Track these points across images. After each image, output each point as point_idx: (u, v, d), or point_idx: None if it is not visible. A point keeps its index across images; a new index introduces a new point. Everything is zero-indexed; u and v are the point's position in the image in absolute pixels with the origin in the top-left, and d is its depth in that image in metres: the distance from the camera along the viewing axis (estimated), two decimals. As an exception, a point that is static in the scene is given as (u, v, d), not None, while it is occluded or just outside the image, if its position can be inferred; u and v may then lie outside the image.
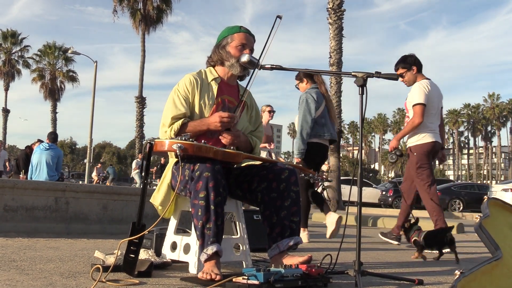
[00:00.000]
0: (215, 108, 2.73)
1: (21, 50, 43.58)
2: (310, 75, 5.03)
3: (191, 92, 2.71)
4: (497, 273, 1.99)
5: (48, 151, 8.58)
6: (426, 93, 4.46)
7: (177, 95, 2.70)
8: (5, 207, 4.32)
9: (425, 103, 4.43)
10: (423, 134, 4.53)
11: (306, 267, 2.32)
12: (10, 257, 2.87)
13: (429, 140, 4.53)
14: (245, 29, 2.83)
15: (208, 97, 2.73)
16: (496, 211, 2.25)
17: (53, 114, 40.26)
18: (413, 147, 4.58)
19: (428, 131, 4.54)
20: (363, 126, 2.56)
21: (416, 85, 4.54)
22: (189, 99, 2.71)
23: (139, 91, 29.41)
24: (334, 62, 17.35)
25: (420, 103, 4.43)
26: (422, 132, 4.53)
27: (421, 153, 4.52)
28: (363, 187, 2.50)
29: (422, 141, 4.54)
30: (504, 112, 78.00)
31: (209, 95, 2.74)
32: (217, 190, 2.40)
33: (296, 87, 5.17)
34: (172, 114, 2.65)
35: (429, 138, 4.53)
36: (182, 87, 2.72)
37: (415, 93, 4.50)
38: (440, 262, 3.75)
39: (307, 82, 5.06)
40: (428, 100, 4.46)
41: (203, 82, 2.77)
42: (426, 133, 4.53)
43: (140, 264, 2.43)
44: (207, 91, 2.75)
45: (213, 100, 2.74)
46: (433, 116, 4.59)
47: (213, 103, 2.73)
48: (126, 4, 29.74)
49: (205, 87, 2.76)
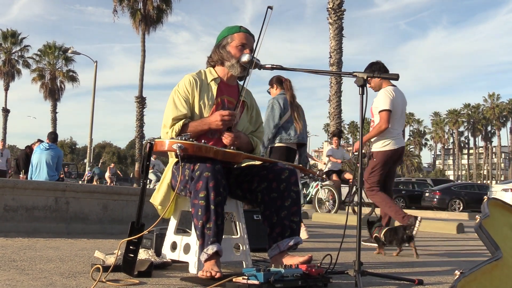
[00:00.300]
0: (215, 108, 2.73)
1: (21, 50, 43.62)
2: (281, 81, 5.20)
3: (191, 93, 2.72)
4: (497, 273, 1.99)
5: (48, 151, 8.58)
6: (391, 99, 4.61)
7: (177, 96, 2.71)
8: (5, 207, 4.32)
9: (391, 109, 4.59)
10: (387, 141, 4.67)
11: (306, 267, 2.31)
12: (10, 257, 2.87)
13: (392, 147, 4.67)
14: (245, 29, 2.83)
15: (208, 97, 2.73)
16: (496, 211, 2.25)
17: (53, 114, 40.29)
18: (375, 152, 4.73)
19: (391, 138, 4.68)
20: (363, 126, 2.57)
21: (382, 91, 4.69)
22: (189, 99, 2.71)
23: (139, 91, 29.45)
24: (334, 62, 17.35)
25: (386, 109, 4.57)
26: (387, 138, 4.67)
27: (381, 160, 4.66)
28: (363, 187, 2.50)
29: (385, 148, 4.69)
30: (504, 112, 77.93)
31: (209, 96, 2.74)
32: (217, 190, 2.40)
33: (268, 91, 5.30)
34: (173, 115, 2.65)
35: (392, 146, 4.67)
36: (182, 88, 2.73)
37: (381, 100, 4.64)
38: (440, 262, 3.75)
39: (276, 87, 5.21)
40: (393, 106, 4.61)
41: (203, 83, 2.77)
42: (390, 140, 4.67)
43: (140, 264, 2.43)
44: (207, 91, 2.75)
45: (212, 101, 2.74)
46: (397, 122, 4.73)
47: (213, 103, 2.73)
48: (126, 4, 29.78)
49: (205, 87, 2.76)
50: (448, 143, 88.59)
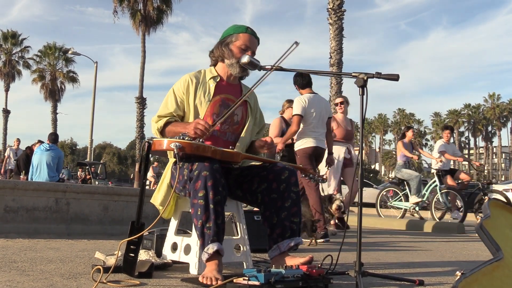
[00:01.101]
0: (213, 106, 2.74)
1: (22, 51, 43.64)
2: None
3: (185, 92, 2.74)
4: (498, 274, 1.98)
5: (48, 152, 8.59)
6: (303, 106, 5.20)
7: (171, 95, 2.76)
8: (6, 208, 4.32)
9: (301, 114, 5.19)
10: (305, 139, 5.27)
11: (307, 268, 2.31)
12: (10, 258, 2.87)
13: (310, 145, 5.24)
14: (251, 30, 2.82)
15: (205, 95, 2.74)
16: (497, 212, 2.24)
17: (54, 115, 40.29)
18: (297, 151, 5.33)
19: (310, 137, 5.26)
20: (363, 126, 2.56)
21: (296, 99, 5.31)
22: (182, 99, 2.74)
23: (140, 91, 29.42)
24: (335, 63, 17.35)
25: (296, 114, 5.21)
26: (305, 138, 5.28)
27: (303, 156, 5.24)
28: (364, 188, 2.50)
29: (303, 145, 5.26)
30: (504, 112, 77.86)
31: (206, 93, 2.75)
32: (216, 189, 2.39)
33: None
34: (160, 113, 2.74)
35: (310, 143, 5.25)
36: (177, 87, 2.77)
37: (294, 106, 5.28)
38: (440, 263, 3.75)
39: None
40: (305, 112, 5.20)
41: (201, 81, 2.79)
42: (308, 139, 5.26)
43: (140, 265, 2.43)
44: (204, 89, 2.76)
45: (209, 98, 2.74)
46: (316, 125, 5.29)
47: (209, 100, 2.73)
48: (126, 4, 29.75)
49: (202, 85, 2.77)
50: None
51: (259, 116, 3.01)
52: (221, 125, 2.74)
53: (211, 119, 2.71)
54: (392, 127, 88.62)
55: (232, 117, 2.80)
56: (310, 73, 2.66)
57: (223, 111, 2.71)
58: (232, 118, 2.80)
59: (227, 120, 2.76)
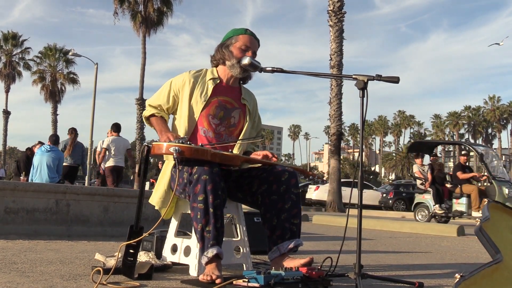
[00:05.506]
0: (210, 107, 2.75)
1: (22, 52, 43.66)
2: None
3: (180, 90, 2.77)
4: (497, 276, 1.99)
5: (49, 153, 8.58)
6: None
7: (167, 86, 2.81)
8: (6, 209, 4.32)
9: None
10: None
11: (307, 270, 2.31)
12: (10, 259, 2.87)
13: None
14: (250, 32, 2.83)
15: (201, 95, 2.75)
16: (496, 214, 2.24)
17: (54, 116, 40.30)
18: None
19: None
20: (364, 128, 2.56)
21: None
22: (176, 94, 2.78)
23: (140, 93, 29.42)
24: (335, 65, 17.34)
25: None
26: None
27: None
28: (364, 189, 2.50)
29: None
30: (504, 115, 77.78)
31: (203, 93, 2.76)
32: (215, 193, 2.40)
33: None
34: (150, 101, 2.83)
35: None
36: (174, 82, 2.81)
37: None
38: (440, 265, 3.75)
39: None
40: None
41: (200, 80, 2.80)
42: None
43: (140, 266, 2.43)
44: (202, 89, 2.77)
45: (205, 98, 2.75)
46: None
47: (205, 101, 2.74)
48: (127, 6, 29.78)
49: (201, 84, 2.79)
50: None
51: (257, 120, 3.01)
52: (216, 126, 2.76)
53: (207, 120, 2.74)
54: (392, 129, 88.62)
55: (228, 119, 2.81)
56: (311, 75, 2.66)
57: (219, 112, 2.75)
58: (228, 120, 2.81)
59: (223, 122, 2.78)
